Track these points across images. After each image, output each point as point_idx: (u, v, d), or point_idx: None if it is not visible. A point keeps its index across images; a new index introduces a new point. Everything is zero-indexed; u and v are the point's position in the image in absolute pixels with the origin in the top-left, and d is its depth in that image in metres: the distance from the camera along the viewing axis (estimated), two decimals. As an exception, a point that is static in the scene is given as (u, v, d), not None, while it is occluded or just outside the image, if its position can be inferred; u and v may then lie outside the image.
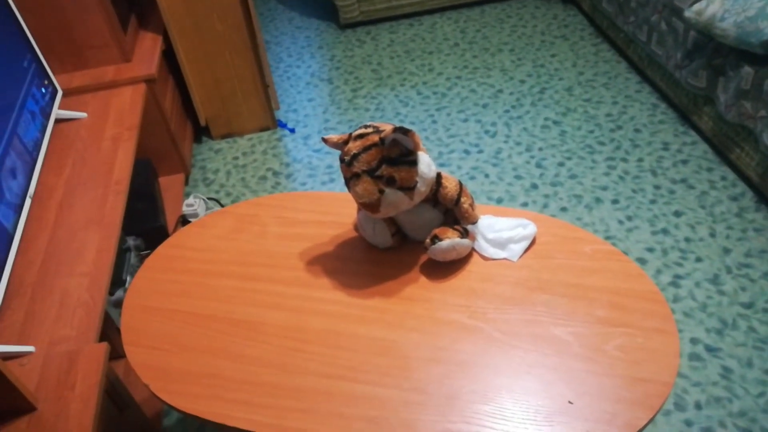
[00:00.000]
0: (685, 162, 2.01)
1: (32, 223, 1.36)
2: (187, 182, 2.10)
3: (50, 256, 1.30)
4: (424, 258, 1.06)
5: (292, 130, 2.34)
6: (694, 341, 1.50)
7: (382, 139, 0.92)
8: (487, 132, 2.23)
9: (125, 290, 1.43)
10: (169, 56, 2.06)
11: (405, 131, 0.90)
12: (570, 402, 0.84)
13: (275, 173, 2.16)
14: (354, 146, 0.94)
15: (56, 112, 1.60)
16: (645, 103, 2.28)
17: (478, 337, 0.93)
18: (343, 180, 2.08)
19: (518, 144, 2.16)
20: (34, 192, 1.39)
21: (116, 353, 1.51)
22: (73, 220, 1.38)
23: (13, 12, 1.50)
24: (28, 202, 1.35)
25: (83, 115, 1.67)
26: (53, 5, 1.65)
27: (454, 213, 1.04)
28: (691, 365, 1.46)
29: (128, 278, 1.47)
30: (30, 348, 1.13)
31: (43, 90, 1.57)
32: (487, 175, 2.04)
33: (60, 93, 1.65)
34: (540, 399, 0.84)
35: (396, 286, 1.02)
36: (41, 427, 1.02)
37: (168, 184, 1.96)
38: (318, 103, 2.48)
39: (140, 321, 1.01)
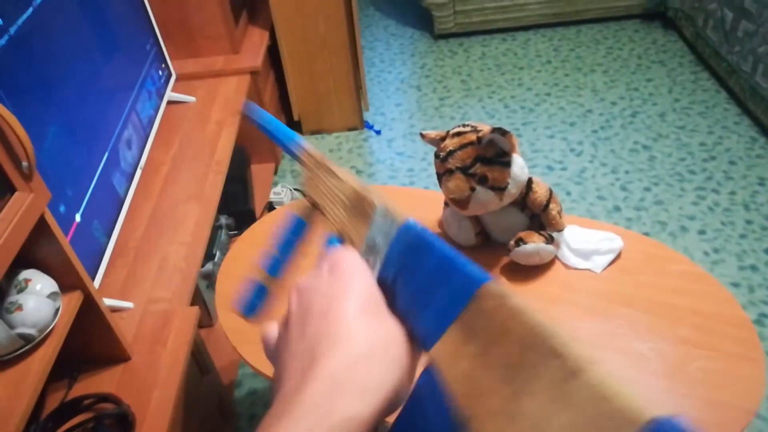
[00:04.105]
0: (782, 200, 1.92)
1: (140, 192, 1.48)
2: (276, 172, 2.21)
3: (153, 224, 1.41)
4: (505, 260, 1.07)
5: (378, 132, 2.41)
6: (776, 384, 1.43)
7: (479, 138, 0.95)
8: (572, 150, 2.21)
9: (214, 264, 1.53)
10: (272, 51, 2.18)
11: (503, 132, 0.93)
12: (644, 416, 0.83)
13: (358, 172, 2.23)
14: (450, 143, 0.98)
15: (169, 94, 1.73)
16: (743, 135, 2.19)
17: (554, 341, 0.94)
18: (421, 183, 2.12)
19: (604, 165, 2.13)
20: (145, 164, 1.51)
21: (198, 323, 1.60)
22: (176, 193, 1.49)
23: (143, 0, 1.64)
24: (138, 172, 1.47)
25: (192, 99, 1.79)
26: (177, -4, 1.79)
27: (540, 219, 1.05)
28: (771, 408, 1.40)
29: (218, 253, 1.56)
30: (129, 304, 1.23)
31: (160, 72, 1.71)
32: (569, 193, 2.03)
33: (174, 77, 1.78)
34: (614, 409, 0.84)
35: (476, 284, 1.04)
36: (134, 376, 1.11)
37: (258, 171, 2.06)
38: (405, 109, 2.54)
39: (233, 289, 1.08)
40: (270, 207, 2.02)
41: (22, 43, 1.06)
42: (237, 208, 1.80)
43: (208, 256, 1.54)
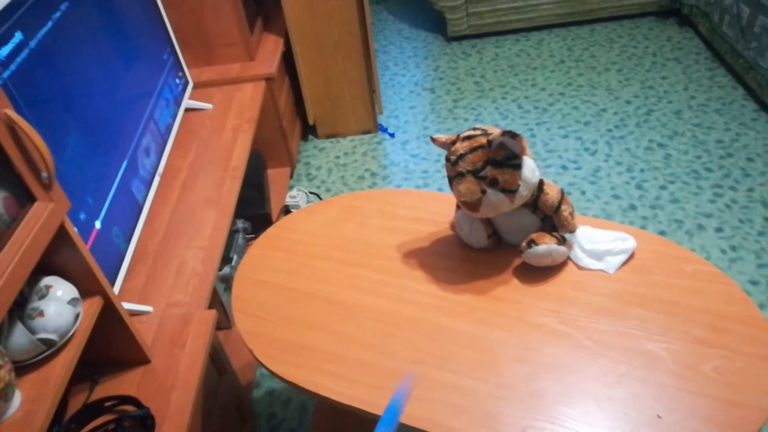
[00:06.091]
0: (802, 197, 1.89)
1: (159, 198, 1.51)
2: (291, 176, 2.24)
3: (171, 229, 1.44)
4: (517, 261, 1.08)
5: (392, 135, 2.43)
6: (797, 384, 1.42)
7: (489, 142, 0.96)
8: (587, 149, 2.20)
9: (231, 267, 1.55)
10: (287, 57, 2.20)
11: (513, 135, 0.94)
12: (659, 416, 0.83)
13: (373, 174, 2.24)
14: (461, 146, 0.99)
15: (186, 101, 1.76)
16: (761, 131, 2.16)
17: (567, 342, 0.94)
18: (435, 185, 2.13)
19: (619, 164, 2.11)
20: (163, 170, 1.53)
21: (217, 325, 1.63)
22: (194, 198, 1.52)
23: (159, 10, 1.68)
24: (157, 179, 1.50)
25: (209, 106, 1.82)
26: (193, 6, 1.82)
27: (552, 220, 1.06)
28: (792, 408, 1.38)
29: (235, 257, 1.58)
30: (149, 308, 1.26)
31: (177, 81, 1.74)
32: (583, 192, 2.02)
33: (191, 85, 1.82)
34: (627, 409, 0.84)
35: (487, 285, 1.05)
36: (153, 378, 1.14)
37: (275, 175, 2.09)
38: (419, 111, 2.55)
39: (249, 292, 1.10)
40: (286, 210, 2.04)
41: (42, 56, 1.09)
42: (254, 212, 1.83)
43: (226, 260, 1.57)
